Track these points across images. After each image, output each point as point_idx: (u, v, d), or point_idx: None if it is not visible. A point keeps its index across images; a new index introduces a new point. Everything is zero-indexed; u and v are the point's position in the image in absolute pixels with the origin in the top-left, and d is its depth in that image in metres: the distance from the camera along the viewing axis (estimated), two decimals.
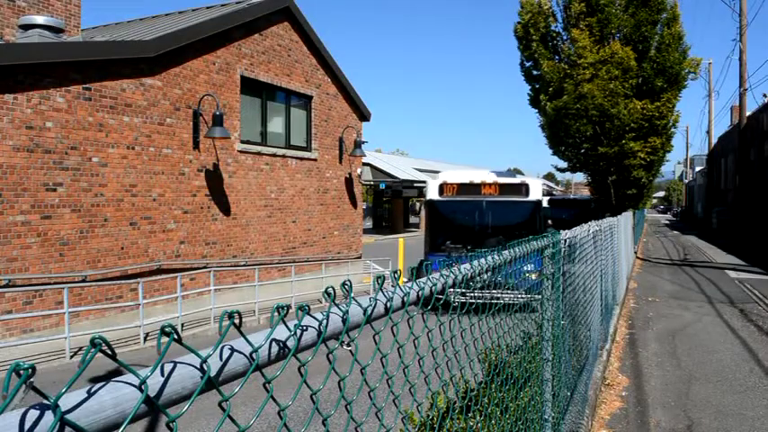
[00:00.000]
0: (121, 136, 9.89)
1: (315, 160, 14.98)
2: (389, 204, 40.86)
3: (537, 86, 20.23)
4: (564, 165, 21.79)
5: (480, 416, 2.44)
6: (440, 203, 12.15)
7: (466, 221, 12.09)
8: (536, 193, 11.64)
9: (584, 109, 17.62)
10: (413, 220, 43.77)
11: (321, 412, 1.16)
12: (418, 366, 1.68)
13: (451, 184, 12.04)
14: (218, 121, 11.09)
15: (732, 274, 15.73)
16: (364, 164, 21.80)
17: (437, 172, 20.09)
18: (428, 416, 2.46)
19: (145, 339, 9.24)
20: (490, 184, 11.81)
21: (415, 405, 1.78)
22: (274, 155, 13.50)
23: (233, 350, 0.93)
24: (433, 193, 12.17)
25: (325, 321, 1.15)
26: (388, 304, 1.40)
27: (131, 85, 10.05)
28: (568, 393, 4.13)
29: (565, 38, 19.00)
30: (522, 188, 11.76)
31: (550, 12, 19.27)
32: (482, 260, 2.14)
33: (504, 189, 11.77)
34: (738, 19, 22.15)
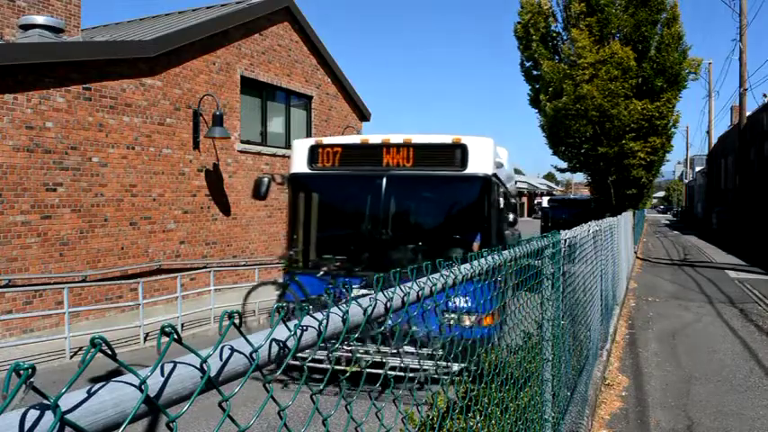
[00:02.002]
0: (121, 136, 9.89)
1: None
2: None
3: (537, 86, 20.23)
4: (564, 165, 21.80)
5: (480, 416, 2.44)
6: (310, 181, 7.27)
7: (354, 215, 7.33)
8: (482, 161, 6.59)
9: (584, 109, 17.62)
10: None
11: (321, 412, 1.16)
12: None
13: (331, 145, 7.11)
14: (218, 121, 11.09)
15: (732, 274, 15.72)
16: None
17: None
18: (428, 416, 2.46)
19: (145, 339, 9.24)
20: (398, 146, 6.78)
21: (415, 405, 1.78)
22: (274, 155, 13.50)
23: (233, 350, 0.93)
24: (299, 163, 7.18)
25: (325, 321, 1.15)
26: (389, 304, 1.40)
27: (131, 85, 10.05)
28: (568, 393, 4.13)
29: (565, 38, 19.00)
30: (456, 153, 6.64)
31: (550, 12, 19.27)
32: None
33: (424, 154, 6.78)
34: (738, 19, 22.15)
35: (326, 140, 7.28)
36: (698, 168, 54.41)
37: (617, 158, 18.91)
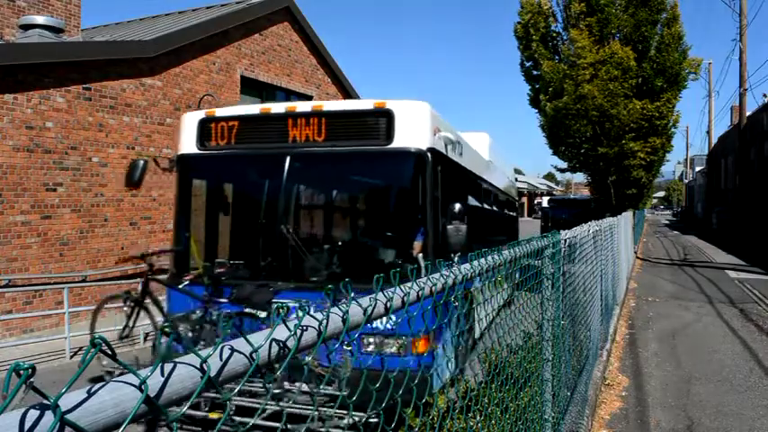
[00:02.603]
0: (121, 136, 9.89)
1: None
2: None
3: (537, 86, 20.23)
4: (564, 165, 21.81)
5: (480, 416, 2.44)
6: (200, 163, 5.84)
7: (250, 207, 5.87)
8: (415, 132, 5.14)
9: (585, 109, 17.62)
10: None
11: (321, 412, 1.16)
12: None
13: (226, 118, 5.64)
14: None
15: (732, 274, 15.72)
16: None
17: None
18: (428, 416, 2.46)
19: (145, 339, 9.24)
20: (308, 116, 5.35)
21: (415, 404, 1.78)
22: None
23: (233, 350, 0.93)
24: (188, 142, 5.75)
25: (325, 321, 1.14)
26: (389, 304, 1.40)
27: (131, 85, 10.05)
28: (568, 393, 4.13)
29: (565, 38, 19.00)
30: (380, 122, 5.20)
31: (550, 12, 19.27)
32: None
33: (340, 125, 5.34)
34: (738, 19, 22.15)
35: (221, 112, 5.80)
36: (698, 168, 54.41)
37: (617, 158, 18.91)
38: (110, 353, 0.69)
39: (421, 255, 4.99)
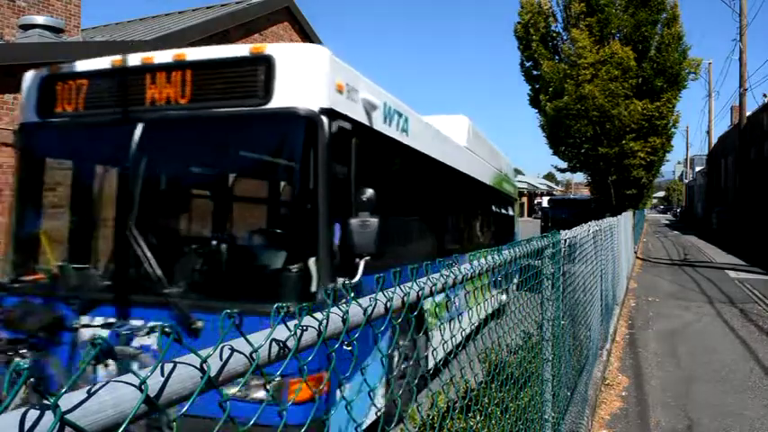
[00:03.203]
0: None
1: None
2: None
3: (537, 86, 20.26)
4: (564, 165, 21.85)
5: (480, 416, 2.44)
6: (40, 135, 4.74)
7: (92, 194, 4.93)
8: (305, 85, 3.67)
9: (585, 109, 17.63)
10: None
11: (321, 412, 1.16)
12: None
13: (73, 75, 4.52)
14: None
15: (732, 274, 15.72)
16: None
17: None
18: (428, 416, 2.46)
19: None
20: (168, 69, 4.15)
21: (416, 405, 1.78)
22: None
23: (233, 350, 0.93)
24: (29, 108, 4.81)
25: (325, 321, 1.14)
26: (389, 304, 1.40)
27: None
28: (568, 393, 4.13)
29: (565, 38, 19.03)
30: (258, 73, 3.73)
31: (550, 12, 19.31)
32: None
33: (209, 80, 3.98)
34: (738, 19, 22.16)
35: (68, 68, 4.55)
36: (698, 168, 54.46)
37: (617, 158, 18.94)
38: (110, 353, 0.70)
39: (313, 260, 3.48)
